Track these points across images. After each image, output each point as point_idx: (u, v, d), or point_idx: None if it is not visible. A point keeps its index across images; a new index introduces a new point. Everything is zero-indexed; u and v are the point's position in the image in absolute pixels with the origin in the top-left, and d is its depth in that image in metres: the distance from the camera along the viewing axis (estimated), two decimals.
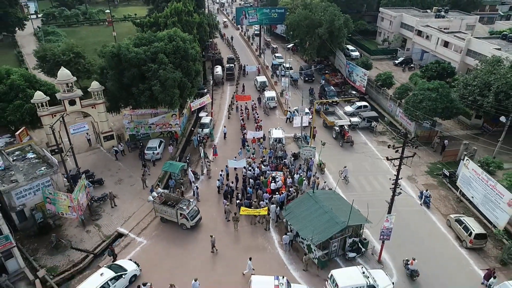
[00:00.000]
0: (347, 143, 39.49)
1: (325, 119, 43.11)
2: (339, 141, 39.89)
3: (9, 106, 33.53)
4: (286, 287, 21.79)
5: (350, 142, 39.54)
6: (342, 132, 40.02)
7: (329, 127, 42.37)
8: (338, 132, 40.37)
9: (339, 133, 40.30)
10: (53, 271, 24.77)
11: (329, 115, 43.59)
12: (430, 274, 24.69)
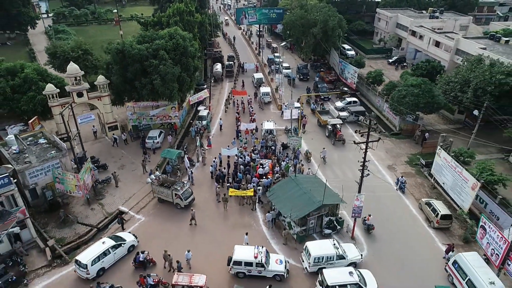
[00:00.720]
0: (338, 141, 41.23)
1: (319, 118, 45.03)
2: (331, 139, 41.79)
3: (23, 97, 36.91)
4: (265, 255, 24.69)
5: (342, 141, 41.25)
6: (335, 131, 41.82)
7: (323, 126, 44.28)
8: (330, 131, 42.20)
9: (331, 131, 42.19)
10: (61, 241, 27.96)
11: (323, 114, 45.61)
12: (399, 251, 27.36)
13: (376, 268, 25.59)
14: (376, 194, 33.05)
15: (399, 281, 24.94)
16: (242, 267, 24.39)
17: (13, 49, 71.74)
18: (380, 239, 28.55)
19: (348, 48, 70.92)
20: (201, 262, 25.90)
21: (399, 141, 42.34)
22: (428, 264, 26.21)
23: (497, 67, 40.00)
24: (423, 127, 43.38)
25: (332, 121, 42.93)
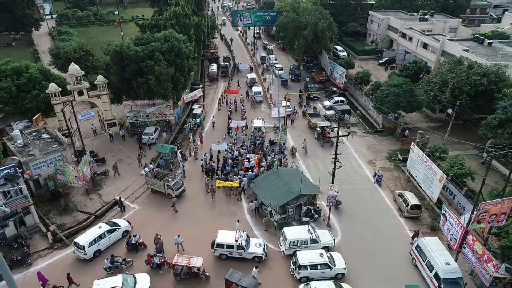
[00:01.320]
0: (327, 143, 42.79)
1: (309, 120, 46.70)
2: (320, 141, 43.21)
3: (27, 96, 39.60)
4: (245, 239, 27.22)
5: (330, 142, 42.73)
6: (323, 133, 43.26)
7: (313, 128, 45.68)
8: (319, 133, 43.54)
9: (320, 133, 43.41)
10: (61, 227, 30.60)
11: (314, 117, 46.98)
12: (370, 237, 29.81)
13: (348, 252, 28.08)
14: (354, 187, 35.54)
15: (368, 263, 27.39)
16: (224, 250, 26.97)
17: (18, 50, 74.62)
18: (354, 226, 31.01)
19: (341, 49, 73.36)
20: (189, 245, 28.44)
21: (381, 138, 44.76)
22: (396, 249, 28.66)
23: (474, 69, 42.34)
24: (405, 124, 45.76)
25: (321, 123, 44.31)
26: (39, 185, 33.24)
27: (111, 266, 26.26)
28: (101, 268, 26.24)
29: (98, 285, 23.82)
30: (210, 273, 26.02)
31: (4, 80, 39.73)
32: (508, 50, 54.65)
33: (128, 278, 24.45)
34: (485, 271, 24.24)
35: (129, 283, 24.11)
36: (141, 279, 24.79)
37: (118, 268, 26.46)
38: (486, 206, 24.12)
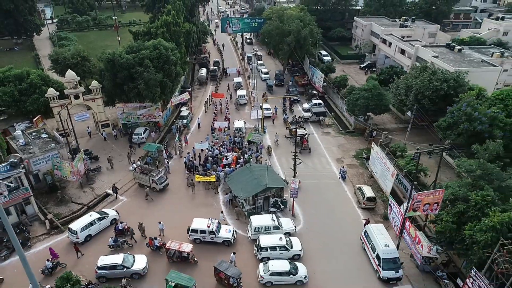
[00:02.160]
0: (304, 150, 44.70)
1: (289, 127, 48.37)
2: (299, 148, 43.68)
3: (28, 99, 43.83)
4: (216, 225, 31.33)
5: (308, 150, 44.87)
6: (301, 141, 45.06)
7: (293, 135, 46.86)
8: (298, 141, 45.00)
9: (299, 141, 44.56)
10: (58, 216, 34.75)
11: (293, 125, 47.56)
12: (329, 225, 33.86)
13: (307, 237, 32.18)
14: (321, 181, 39.64)
15: (324, 246, 31.44)
16: (198, 234, 31.11)
17: (20, 54, 78.99)
18: (316, 216, 35.05)
19: (325, 53, 77.40)
20: (170, 231, 32.51)
21: (352, 138, 48.78)
22: (350, 235, 32.68)
23: (436, 75, 46.29)
24: (374, 125, 49.77)
25: (299, 132, 45.65)
26: (38, 179, 37.42)
27: (113, 244, 30.78)
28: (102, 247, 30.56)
29: (103, 260, 28.39)
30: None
31: (7, 85, 43.99)
32: (475, 56, 58.51)
33: (128, 257, 28.84)
34: (417, 252, 28.34)
35: (128, 260, 28.54)
36: (139, 259, 29.04)
37: (119, 247, 30.82)
38: (419, 196, 28.16)
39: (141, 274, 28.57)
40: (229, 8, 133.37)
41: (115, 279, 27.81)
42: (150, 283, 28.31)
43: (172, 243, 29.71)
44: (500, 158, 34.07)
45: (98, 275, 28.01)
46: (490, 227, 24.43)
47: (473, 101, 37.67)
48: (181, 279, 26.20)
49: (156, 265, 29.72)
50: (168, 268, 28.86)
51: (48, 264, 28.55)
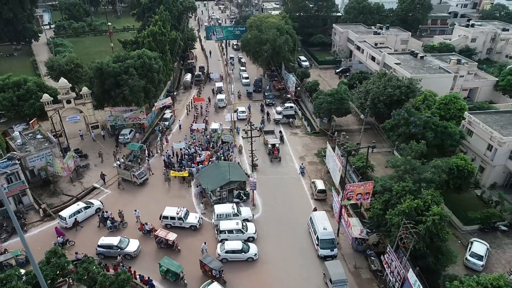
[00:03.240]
0: (275, 159, 47.86)
1: (263, 137, 51.29)
2: (270, 156, 48.26)
3: (26, 104, 49.18)
4: (184, 213, 36.77)
5: (278, 158, 47.74)
6: (273, 150, 48.36)
7: (266, 144, 50.21)
8: (270, 149, 48.83)
9: (271, 149, 48.64)
10: (50, 206, 40.16)
11: (268, 134, 52.02)
12: (283, 213, 39.28)
13: (263, 223, 37.67)
14: (283, 177, 45.11)
15: (276, 231, 36.87)
16: (168, 220, 36.57)
17: (19, 60, 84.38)
18: (274, 205, 40.48)
19: (304, 59, 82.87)
20: (147, 218, 37.84)
21: (316, 138, 54.21)
22: (300, 222, 38.07)
23: (391, 82, 51.70)
24: (338, 126, 55.22)
25: (271, 141, 49.53)
26: (33, 174, 42.88)
27: (111, 226, 36.47)
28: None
29: (103, 240, 33.89)
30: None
31: (7, 91, 49.37)
32: (435, 63, 63.88)
33: (123, 239, 34.13)
34: (349, 234, 33.79)
35: (123, 242, 33.83)
36: (133, 243, 34.28)
37: (117, 228, 36.56)
38: (352, 187, 33.64)
39: (133, 255, 33.66)
40: (220, 13, 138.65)
41: (112, 257, 33.08)
42: (140, 264, 33.23)
43: (161, 231, 34.70)
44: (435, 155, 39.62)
45: (98, 252, 33.47)
46: (401, 212, 29.85)
47: (410, 107, 43.08)
48: (171, 265, 30.92)
49: (147, 248, 34.82)
50: (157, 253, 34.03)
51: (60, 239, 34.44)
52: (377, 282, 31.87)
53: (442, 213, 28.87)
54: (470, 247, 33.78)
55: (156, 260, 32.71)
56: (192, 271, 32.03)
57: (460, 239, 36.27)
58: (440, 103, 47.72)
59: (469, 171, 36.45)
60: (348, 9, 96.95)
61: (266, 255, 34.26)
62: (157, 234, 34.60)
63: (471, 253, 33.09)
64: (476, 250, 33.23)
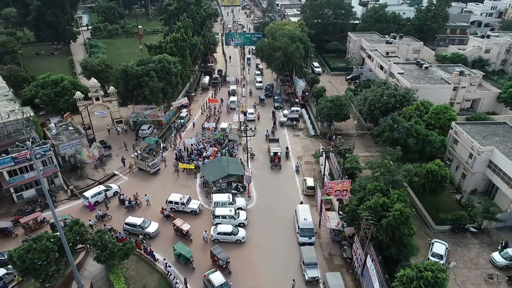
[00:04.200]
0: (275, 167, 50.81)
1: (268, 145, 55.05)
2: (271, 164, 51.11)
3: (61, 100, 56.75)
4: (187, 199, 42.59)
5: (278, 166, 50.63)
6: (274, 158, 51.02)
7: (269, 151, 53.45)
8: (271, 157, 51.72)
9: (272, 157, 51.64)
10: (76, 188, 47.13)
11: (272, 142, 55.12)
12: (274, 204, 44.31)
13: (255, 212, 42.98)
14: (279, 174, 50.11)
15: (265, 220, 41.98)
16: (173, 204, 42.53)
17: (58, 58, 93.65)
18: (267, 198, 45.58)
19: (317, 65, 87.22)
20: (156, 202, 44.04)
21: (316, 140, 58.74)
22: (288, 213, 42.90)
23: (389, 90, 55.45)
24: (338, 131, 59.50)
25: (273, 149, 52.20)
26: (64, 160, 50.09)
27: (128, 206, 42.98)
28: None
29: (129, 219, 39.89)
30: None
31: (46, 88, 57.14)
32: (438, 74, 66.66)
33: (146, 221, 39.89)
34: (326, 226, 38.44)
35: (145, 223, 39.62)
36: (153, 225, 39.96)
37: (133, 208, 42.95)
38: (330, 184, 38.24)
39: (151, 236, 39.30)
40: (245, 17, 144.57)
41: (135, 235, 39.11)
42: (158, 244, 38.57)
43: (178, 221, 39.78)
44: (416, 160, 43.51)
45: (124, 228, 39.63)
46: (368, 207, 34.27)
47: (396, 114, 46.96)
48: (183, 250, 35.83)
49: (166, 232, 40.26)
50: (173, 238, 39.23)
51: (100, 212, 41.37)
52: (346, 268, 36.37)
53: (402, 210, 33.05)
54: (432, 248, 37.40)
55: (171, 244, 37.63)
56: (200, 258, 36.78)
57: (430, 237, 39.97)
58: (432, 113, 51.27)
59: (442, 176, 40.12)
60: (365, 17, 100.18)
61: (254, 239, 39.48)
62: (174, 222, 39.79)
63: (432, 253, 36.73)
64: (436, 250, 36.86)
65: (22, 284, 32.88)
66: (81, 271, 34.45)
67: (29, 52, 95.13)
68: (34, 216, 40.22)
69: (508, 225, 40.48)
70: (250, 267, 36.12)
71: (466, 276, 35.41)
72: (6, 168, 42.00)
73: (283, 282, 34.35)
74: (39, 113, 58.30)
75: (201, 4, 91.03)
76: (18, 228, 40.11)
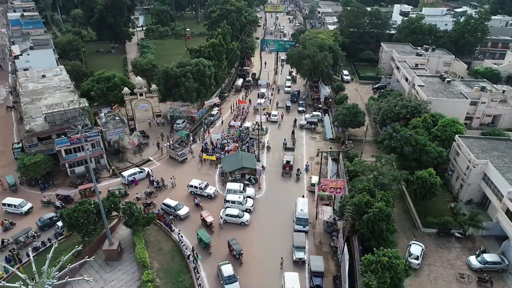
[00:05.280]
0: (286, 174, 54.78)
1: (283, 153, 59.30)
2: (283, 171, 54.96)
3: (111, 94, 66.62)
4: (205, 185, 49.88)
5: (289, 174, 54.39)
6: (285, 166, 54.95)
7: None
8: (284, 165, 55.46)
9: (284, 165, 55.26)
10: (117, 168, 56.21)
11: (288, 150, 59.49)
12: (281, 195, 50.30)
13: (262, 201, 49.32)
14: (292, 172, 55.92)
15: (270, 208, 48.11)
16: (193, 189, 50.00)
17: (114, 56, 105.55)
18: (275, 190, 51.67)
19: (346, 73, 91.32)
20: (179, 185, 51.85)
21: (330, 143, 63.63)
22: (290, 204, 48.41)
23: (403, 101, 59.13)
24: (352, 136, 63.99)
25: (286, 158, 56.37)
26: (110, 145, 59.53)
27: (157, 186, 51.22)
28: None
29: (167, 200, 47.57)
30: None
31: (100, 83, 67.29)
32: (459, 88, 68.44)
33: (179, 204, 47.02)
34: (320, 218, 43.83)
35: (178, 206, 46.91)
36: (184, 208, 47.01)
37: (160, 188, 51.11)
38: (325, 182, 43.60)
39: (181, 218, 46.37)
40: (288, 23, 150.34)
41: (168, 214, 46.83)
42: (185, 226, 45.48)
43: (204, 212, 46.21)
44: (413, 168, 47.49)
45: (161, 207, 47.37)
46: (353, 203, 39.28)
47: (397, 124, 50.95)
48: (204, 236, 41.94)
49: (194, 218, 47.23)
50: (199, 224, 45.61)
51: (148, 190, 50.09)
52: (331, 254, 41.61)
53: (382, 208, 37.71)
54: (409, 249, 41.26)
55: (196, 229, 43.93)
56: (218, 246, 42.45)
57: (416, 237, 43.87)
58: (440, 125, 54.43)
59: (432, 183, 43.83)
60: (400, 28, 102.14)
61: (257, 223, 45.84)
62: (201, 213, 46.23)
63: (409, 252, 40.61)
64: (413, 251, 40.69)
65: (69, 238, 41.87)
66: (113, 234, 42.95)
67: (91, 49, 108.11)
68: (89, 186, 49.69)
69: (494, 234, 43.28)
70: (249, 244, 42.51)
71: (440, 273, 39.22)
72: (64, 147, 51.79)
73: (274, 260, 40.38)
74: (93, 104, 68.67)
75: (242, 12, 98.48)
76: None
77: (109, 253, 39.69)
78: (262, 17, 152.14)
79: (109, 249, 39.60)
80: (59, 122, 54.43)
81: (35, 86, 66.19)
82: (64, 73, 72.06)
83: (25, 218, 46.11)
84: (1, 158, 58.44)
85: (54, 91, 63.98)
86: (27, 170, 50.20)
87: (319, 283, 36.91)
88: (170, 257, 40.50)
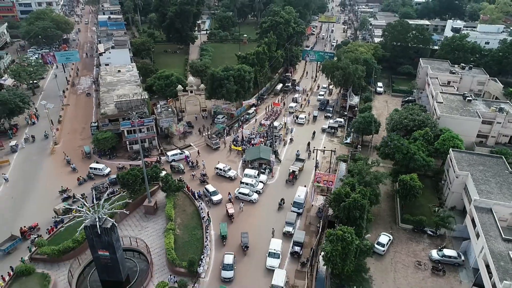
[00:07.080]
0: (289, 182, 61.51)
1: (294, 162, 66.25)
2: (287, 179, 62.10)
3: (168, 89, 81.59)
4: (228, 168, 62.12)
5: (292, 182, 61.01)
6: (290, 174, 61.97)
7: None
8: (289, 173, 62.29)
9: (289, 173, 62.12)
10: (165, 149, 70.63)
11: (298, 161, 65.75)
12: (289, 185, 60.70)
13: (272, 186, 60.22)
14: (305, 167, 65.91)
15: (278, 192, 58.74)
16: (218, 170, 62.52)
17: (178, 56, 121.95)
18: (284, 180, 62.07)
19: (380, 85, 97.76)
20: (208, 167, 64.59)
21: (345, 147, 72.21)
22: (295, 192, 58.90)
23: (413, 115, 66.05)
24: (367, 142, 71.93)
25: (292, 167, 63.12)
26: (161, 130, 74.29)
27: (191, 166, 64.91)
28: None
29: (208, 184, 60.86)
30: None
31: (160, 80, 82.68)
32: (478, 107, 72.44)
33: (216, 191, 57.86)
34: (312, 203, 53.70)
35: (214, 192, 57.43)
36: (218, 195, 57.85)
37: (194, 167, 64.65)
38: (319, 174, 53.31)
39: (214, 203, 58.08)
40: (342, 32, 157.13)
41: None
42: (215, 210, 56.64)
43: (228, 204, 56.88)
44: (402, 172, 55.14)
45: (202, 190, 60.27)
46: (335, 193, 48.65)
47: (394, 134, 58.43)
48: (223, 229, 50.26)
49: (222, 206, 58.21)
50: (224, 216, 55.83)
51: (203, 172, 63.62)
52: (316, 233, 51.30)
53: (357, 199, 46.59)
54: (378, 238, 49.34)
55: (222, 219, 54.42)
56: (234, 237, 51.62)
57: (392, 229, 51.74)
58: (441, 139, 60.79)
59: (412, 186, 51.31)
60: (442, 45, 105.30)
61: (263, 202, 56.97)
62: (226, 205, 57.28)
63: (377, 242, 48.77)
64: (381, 240, 48.83)
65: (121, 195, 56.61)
66: (153, 196, 56.75)
67: (160, 49, 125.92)
68: (151, 160, 64.81)
69: (463, 236, 49.60)
70: (251, 217, 53.95)
71: (402, 259, 47.10)
72: (127, 128, 67.22)
73: (267, 230, 51.21)
74: (153, 96, 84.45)
75: (290, 24, 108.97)
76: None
77: (147, 208, 53.49)
78: (317, 26, 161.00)
79: (148, 205, 53.40)
80: (125, 108, 70.16)
81: (112, 79, 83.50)
82: (134, 70, 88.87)
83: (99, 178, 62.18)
84: (83, 133, 76.10)
85: (125, 84, 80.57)
86: (99, 143, 66.52)
87: (298, 250, 47.15)
88: (190, 217, 53.20)
